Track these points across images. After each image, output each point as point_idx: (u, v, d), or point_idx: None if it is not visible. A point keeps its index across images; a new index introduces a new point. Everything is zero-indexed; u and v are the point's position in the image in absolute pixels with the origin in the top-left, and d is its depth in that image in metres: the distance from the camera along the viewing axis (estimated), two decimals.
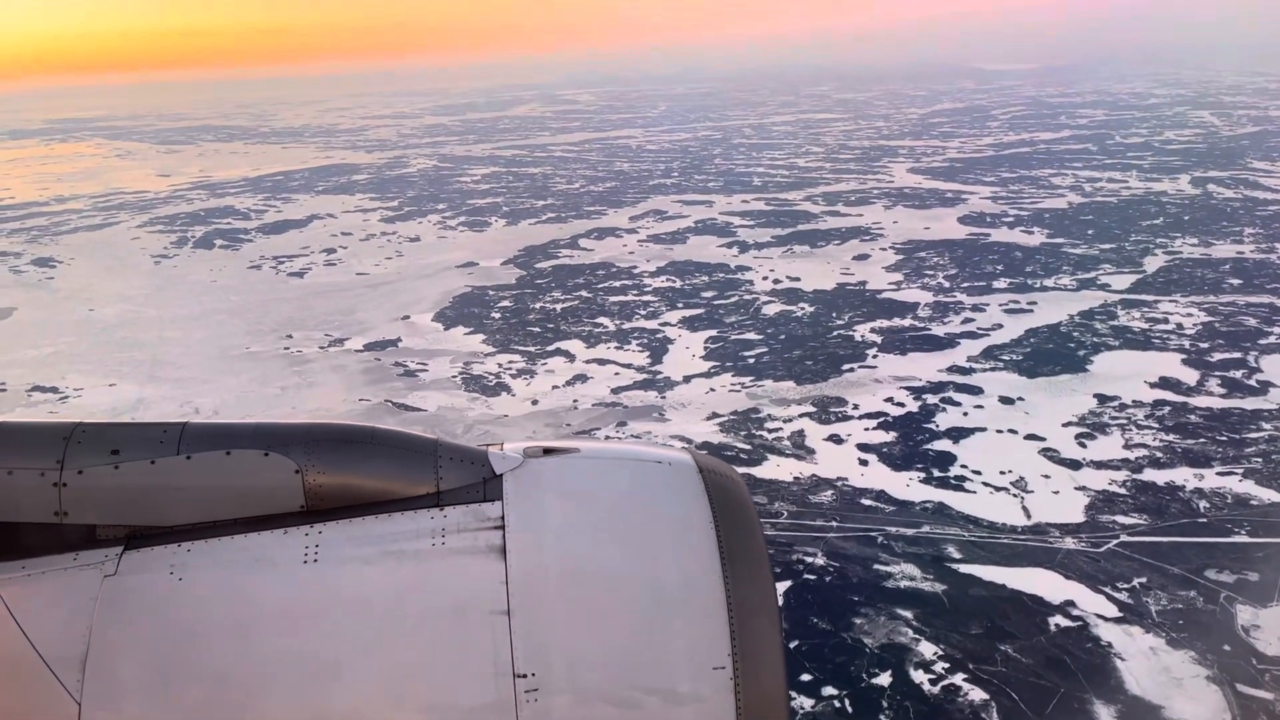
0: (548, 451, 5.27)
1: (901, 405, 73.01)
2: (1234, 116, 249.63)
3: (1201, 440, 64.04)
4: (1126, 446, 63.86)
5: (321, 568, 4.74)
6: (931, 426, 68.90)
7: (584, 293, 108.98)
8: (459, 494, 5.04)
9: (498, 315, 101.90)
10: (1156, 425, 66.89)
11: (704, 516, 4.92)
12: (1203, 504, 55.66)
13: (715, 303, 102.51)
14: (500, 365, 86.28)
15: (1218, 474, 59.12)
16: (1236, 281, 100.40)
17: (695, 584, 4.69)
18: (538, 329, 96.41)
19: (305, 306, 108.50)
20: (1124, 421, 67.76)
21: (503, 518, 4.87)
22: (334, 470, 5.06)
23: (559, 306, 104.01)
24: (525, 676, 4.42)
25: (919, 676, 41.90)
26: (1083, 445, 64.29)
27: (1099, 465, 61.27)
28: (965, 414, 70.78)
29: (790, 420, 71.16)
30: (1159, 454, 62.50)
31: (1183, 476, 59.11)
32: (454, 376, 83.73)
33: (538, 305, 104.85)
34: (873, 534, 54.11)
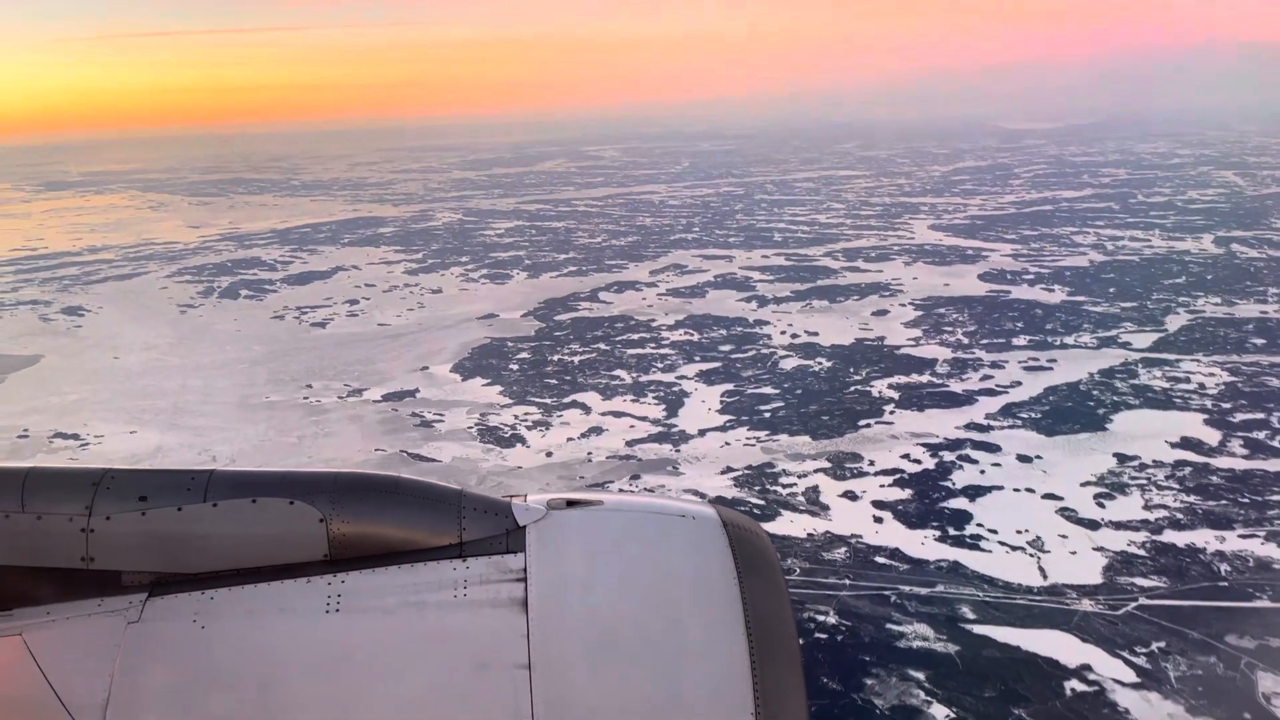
0: (571, 503, 5.29)
1: (918, 462, 72.40)
2: (1258, 177, 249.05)
3: (1223, 502, 63.03)
4: (1146, 507, 62.93)
5: (344, 618, 4.75)
6: (948, 484, 68.22)
7: (602, 345, 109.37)
8: (482, 545, 5.06)
9: (516, 367, 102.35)
10: (1177, 486, 65.93)
11: (728, 572, 4.90)
12: (1224, 567, 54.62)
13: (732, 356, 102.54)
14: (516, 417, 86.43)
15: (1240, 537, 58.07)
16: (1260, 341, 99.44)
17: (718, 640, 4.66)
18: (555, 381, 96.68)
19: (326, 356, 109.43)
20: (1144, 482, 66.85)
21: (525, 570, 4.87)
22: (358, 519, 5.09)
23: (577, 359, 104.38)
24: None
25: None
26: (1101, 505, 63.41)
27: (1118, 526, 60.35)
28: (982, 472, 70.08)
29: (805, 476, 70.68)
30: (1179, 515, 61.52)
31: (1204, 539, 58.10)
32: (470, 428, 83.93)
33: (556, 357, 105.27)
34: (886, 592, 53.38)
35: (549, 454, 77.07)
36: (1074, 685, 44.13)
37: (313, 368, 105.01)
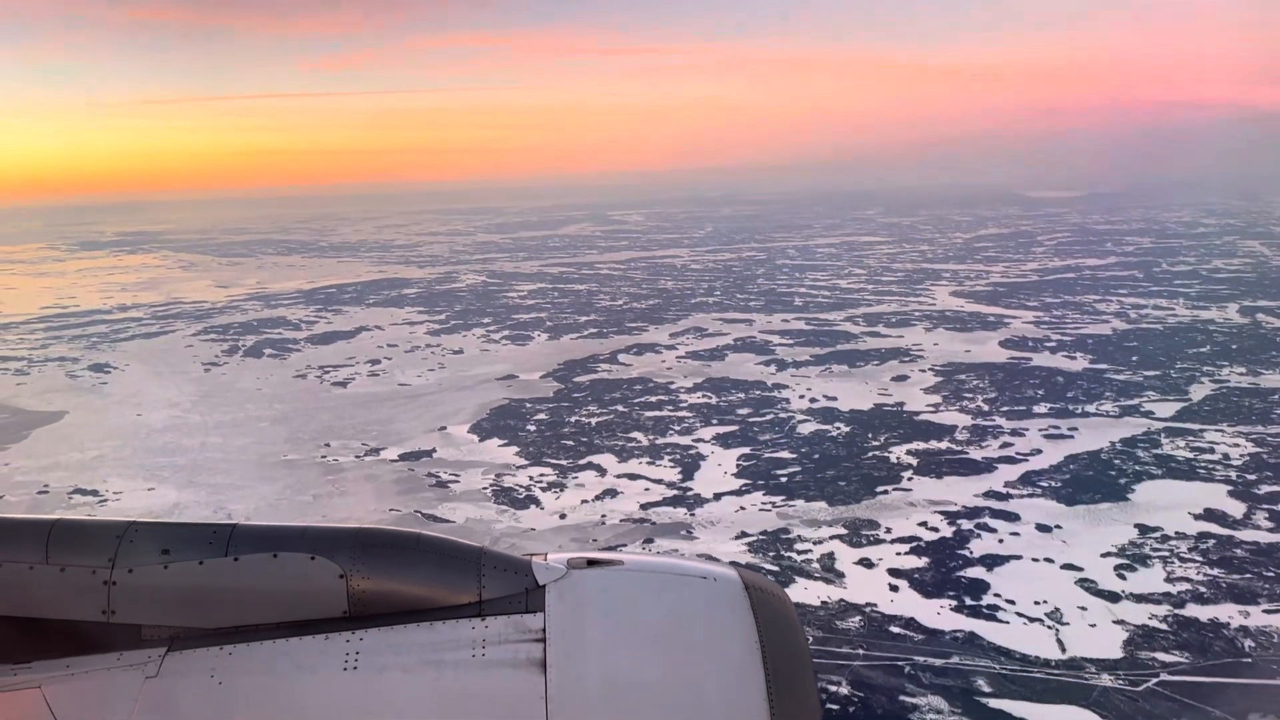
0: (591, 563, 5.28)
1: (935, 530, 71.48)
2: None
3: (1248, 576, 61.67)
4: (1168, 580, 61.67)
5: (361, 676, 4.74)
6: (965, 553, 67.23)
7: (620, 407, 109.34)
8: (501, 604, 5.05)
9: (533, 428, 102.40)
10: (1200, 559, 64.63)
11: (749, 635, 4.86)
12: (1248, 643, 53.24)
13: (750, 420, 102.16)
14: (532, 478, 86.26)
15: (1264, 612, 56.68)
16: None
17: (738, 704, 4.61)
18: (571, 442, 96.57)
19: (345, 416, 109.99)
20: (1166, 554, 65.60)
21: (544, 630, 4.86)
22: (378, 576, 5.10)
23: (594, 420, 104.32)
24: None
25: None
26: (1122, 577, 62.21)
27: (1139, 599, 59.14)
28: (1001, 541, 69.04)
29: (820, 542, 69.91)
30: (1202, 589, 60.21)
31: (1227, 613, 56.74)
32: (484, 488, 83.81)
33: (573, 418, 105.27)
34: (900, 663, 52.35)
35: (563, 516, 76.72)
36: None
37: (332, 427, 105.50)
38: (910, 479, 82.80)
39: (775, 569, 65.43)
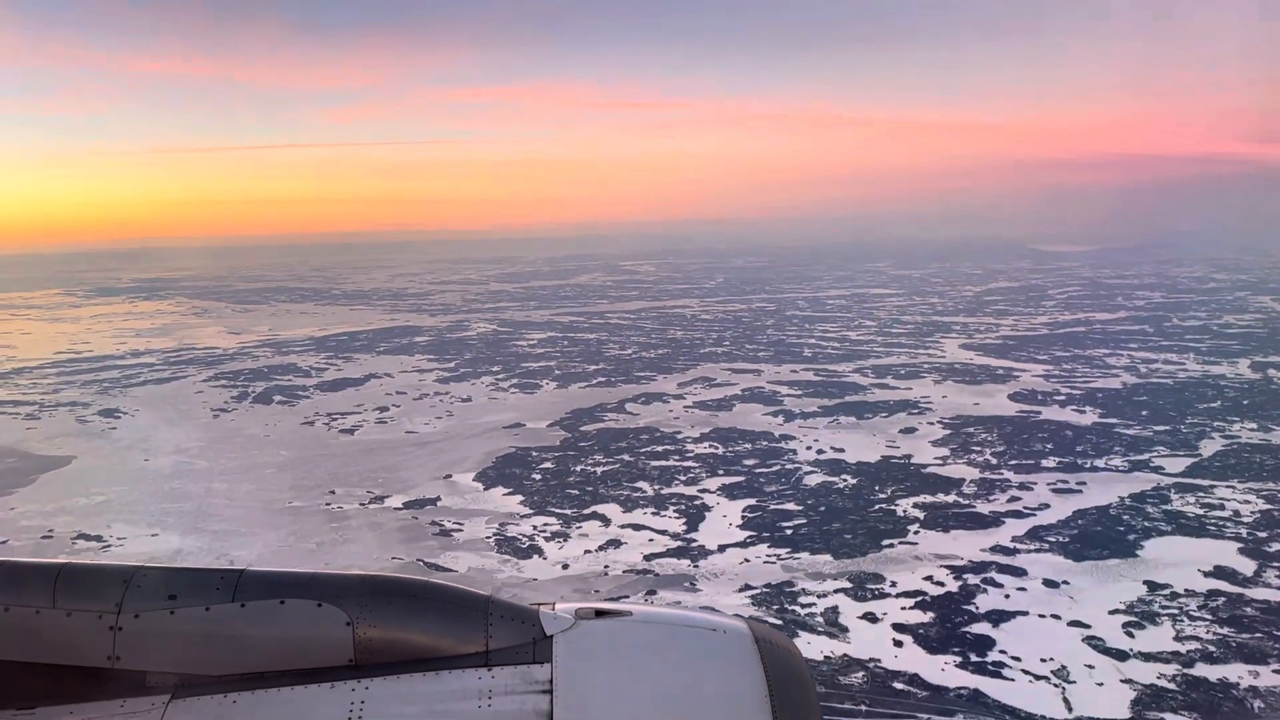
0: (600, 613, 5.26)
1: (941, 584, 70.73)
2: None
3: (1258, 635, 60.71)
4: (1177, 638, 60.74)
5: None
6: (971, 608, 66.45)
7: (626, 456, 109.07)
8: (508, 654, 5.01)
9: (538, 476, 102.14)
10: (1210, 617, 63.69)
11: (759, 688, 4.79)
12: (1258, 703, 52.29)
13: (756, 471, 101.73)
14: (535, 527, 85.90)
15: (1274, 672, 55.74)
16: None
17: None
18: (576, 491, 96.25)
19: (351, 463, 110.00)
20: (1175, 611, 64.68)
21: (551, 681, 4.82)
22: (385, 624, 5.07)
23: (599, 470, 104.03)
24: None
25: None
26: (1130, 635, 61.31)
27: (1147, 657, 58.22)
28: (1007, 596, 68.24)
29: (825, 596, 69.24)
30: (1212, 648, 59.26)
31: (1237, 673, 55.81)
32: (488, 537, 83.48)
33: (579, 468, 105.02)
34: None
35: (565, 566, 76.24)
36: None
37: (338, 474, 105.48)
38: (917, 532, 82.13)
39: (778, 623, 64.67)
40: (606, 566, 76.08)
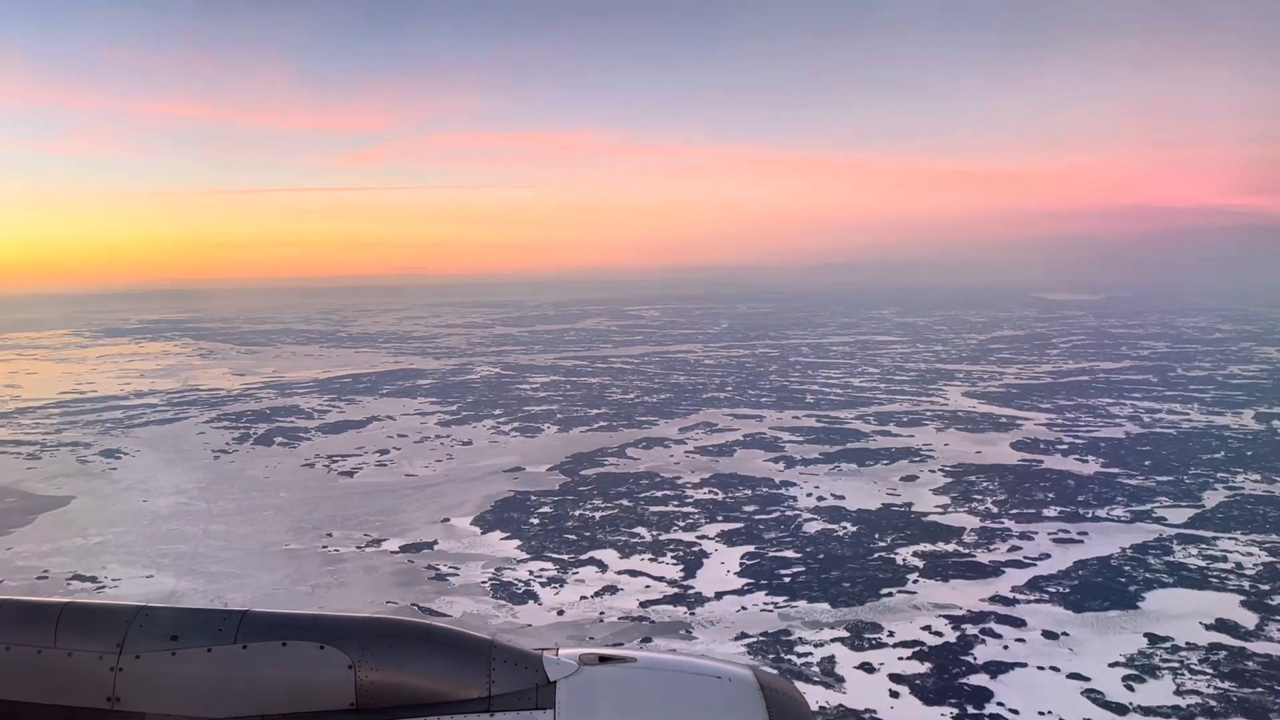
0: (604, 659, 5.24)
1: (939, 634, 69.96)
2: None
3: (1259, 690, 59.86)
4: (1178, 692, 59.91)
5: None
6: (969, 659, 65.66)
7: (625, 501, 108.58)
8: (510, 699, 5.00)
9: (536, 521, 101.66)
10: (1211, 671, 62.84)
11: None
12: None
13: (756, 517, 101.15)
14: (531, 573, 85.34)
15: None
16: None
17: None
18: (574, 536, 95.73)
19: (350, 506, 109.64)
20: (1176, 665, 63.85)
21: None
22: (387, 667, 5.05)
23: (598, 514, 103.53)
24: None
25: None
26: (1130, 688, 60.49)
27: (1147, 711, 57.44)
28: (1006, 647, 67.45)
29: (821, 645, 68.52)
30: (1213, 702, 58.43)
31: None
32: (483, 582, 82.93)
33: (577, 512, 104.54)
34: None
35: (560, 612, 75.63)
36: None
37: (335, 516, 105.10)
38: (916, 581, 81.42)
39: (774, 672, 63.83)
40: (602, 613, 75.43)
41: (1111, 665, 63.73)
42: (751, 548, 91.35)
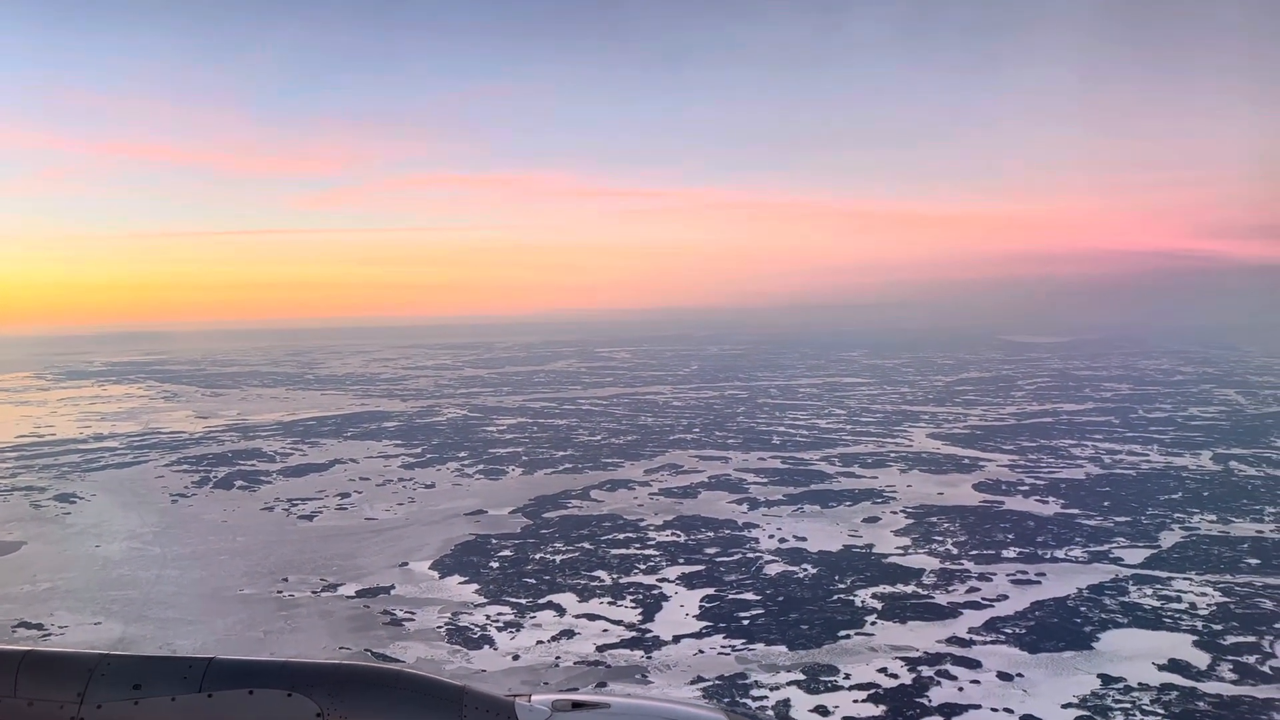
0: (577, 705, 5.17)
1: (895, 676, 69.88)
2: (1260, 395, 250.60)
3: None
4: None
5: None
6: (924, 701, 65.57)
7: (586, 544, 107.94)
8: None
9: (496, 565, 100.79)
10: (1162, 711, 63.13)
11: None
12: None
13: (717, 560, 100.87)
14: (489, 617, 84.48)
15: None
16: (1254, 561, 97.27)
17: None
18: (533, 580, 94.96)
19: (307, 550, 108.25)
20: (1128, 705, 64.08)
21: None
22: (356, 715, 4.94)
23: (559, 558, 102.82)
24: None
25: None
26: None
27: None
28: (960, 689, 67.43)
29: (777, 688, 68.21)
30: None
31: None
32: (439, 627, 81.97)
33: (538, 555, 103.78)
34: None
35: (515, 657, 74.85)
36: None
37: (292, 561, 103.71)
38: (874, 623, 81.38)
39: (748, 714, 63.35)
40: (558, 657, 74.72)
41: (1065, 706, 63.85)
42: (711, 590, 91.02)
